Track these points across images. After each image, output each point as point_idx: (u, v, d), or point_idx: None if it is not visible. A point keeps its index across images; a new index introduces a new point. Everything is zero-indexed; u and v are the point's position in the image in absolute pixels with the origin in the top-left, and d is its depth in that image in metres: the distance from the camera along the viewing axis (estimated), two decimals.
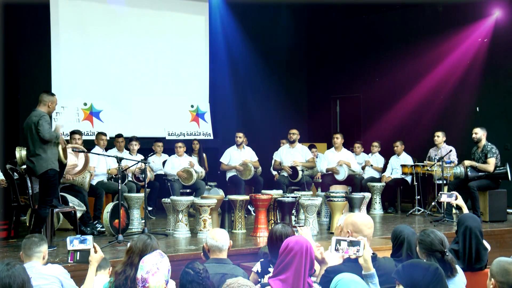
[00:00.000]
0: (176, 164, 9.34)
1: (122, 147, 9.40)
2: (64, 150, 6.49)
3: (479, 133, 8.71)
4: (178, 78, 11.46)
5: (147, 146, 9.96)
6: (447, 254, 3.81)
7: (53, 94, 6.52)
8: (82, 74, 10.43)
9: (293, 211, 7.74)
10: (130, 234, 7.28)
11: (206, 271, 3.22)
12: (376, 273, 3.37)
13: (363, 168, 10.19)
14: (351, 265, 3.40)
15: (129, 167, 8.24)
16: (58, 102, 6.81)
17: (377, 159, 10.44)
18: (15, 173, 7.02)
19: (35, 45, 10.19)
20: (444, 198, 5.69)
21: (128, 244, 3.71)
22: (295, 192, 8.52)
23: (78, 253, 3.83)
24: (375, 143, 10.51)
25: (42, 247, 4.04)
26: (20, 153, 6.78)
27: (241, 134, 9.87)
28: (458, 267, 3.93)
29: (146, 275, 2.98)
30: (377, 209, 9.65)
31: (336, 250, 3.43)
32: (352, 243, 3.41)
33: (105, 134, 9.10)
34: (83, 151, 7.33)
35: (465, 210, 5.47)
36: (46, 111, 6.28)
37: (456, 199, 5.54)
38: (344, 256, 3.47)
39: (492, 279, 3.00)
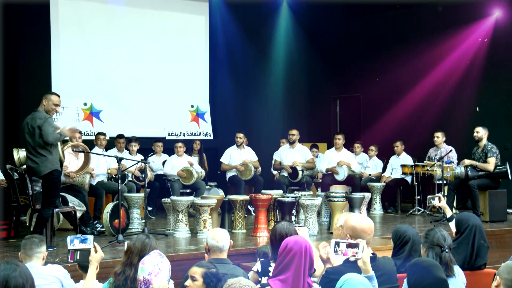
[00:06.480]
0: (176, 164, 9.34)
1: (122, 148, 9.41)
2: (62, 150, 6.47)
3: (481, 132, 8.71)
4: (178, 78, 11.46)
5: (147, 146, 9.96)
6: (446, 251, 3.82)
7: (52, 93, 6.36)
8: (82, 74, 10.42)
9: (293, 211, 7.74)
10: (130, 234, 7.28)
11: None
12: (375, 275, 3.37)
13: (360, 178, 10.07)
14: (351, 265, 3.40)
15: (128, 168, 8.23)
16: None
17: (375, 163, 10.42)
18: (15, 173, 7.01)
19: (35, 45, 10.18)
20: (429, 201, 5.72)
21: (126, 244, 3.70)
22: (295, 192, 8.52)
23: (78, 252, 3.83)
24: (372, 147, 10.46)
25: (42, 247, 4.06)
26: (18, 154, 6.75)
27: (241, 135, 9.86)
28: (456, 268, 3.93)
29: (149, 276, 2.93)
30: (377, 209, 9.65)
31: (335, 252, 3.42)
32: (351, 245, 3.39)
33: (104, 134, 9.10)
34: (83, 151, 7.33)
35: (448, 211, 5.51)
36: (43, 109, 6.19)
37: (439, 201, 5.56)
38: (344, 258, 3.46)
39: (497, 277, 3.02)
